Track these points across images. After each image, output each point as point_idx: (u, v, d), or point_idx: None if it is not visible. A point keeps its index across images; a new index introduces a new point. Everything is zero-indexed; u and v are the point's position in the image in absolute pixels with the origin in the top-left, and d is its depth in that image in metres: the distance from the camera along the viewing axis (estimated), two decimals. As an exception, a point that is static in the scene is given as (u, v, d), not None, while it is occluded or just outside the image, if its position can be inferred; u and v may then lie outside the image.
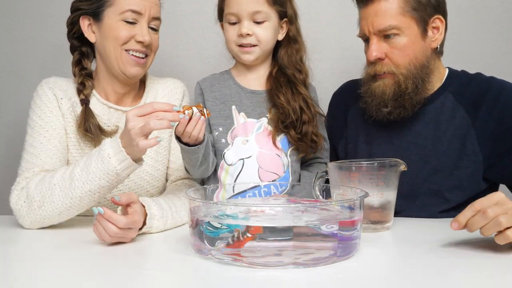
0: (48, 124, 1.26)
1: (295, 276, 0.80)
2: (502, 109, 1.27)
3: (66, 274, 0.84)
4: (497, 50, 1.78)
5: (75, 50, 1.35)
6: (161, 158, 1.38)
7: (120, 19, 1.27)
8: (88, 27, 1.31)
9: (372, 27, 1.26)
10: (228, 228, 0.84)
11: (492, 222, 0.89)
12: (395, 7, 1.24)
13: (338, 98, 1.52)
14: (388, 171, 1.12)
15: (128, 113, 1.06)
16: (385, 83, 1.28)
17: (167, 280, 0.80)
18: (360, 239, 0.93)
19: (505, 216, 0.89)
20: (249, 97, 1.39)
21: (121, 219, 0.99)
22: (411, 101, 1.28)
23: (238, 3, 1.31)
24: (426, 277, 0.81)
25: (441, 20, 1.28)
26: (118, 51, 1.28)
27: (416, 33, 1.25)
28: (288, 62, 1.38)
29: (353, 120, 1.44)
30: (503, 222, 0.88)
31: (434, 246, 0.98)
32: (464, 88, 1.32)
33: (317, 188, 1.14)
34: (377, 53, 1.26)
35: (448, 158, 1.29)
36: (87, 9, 1.29)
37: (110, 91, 1.35)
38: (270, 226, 0.84)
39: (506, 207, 0.90)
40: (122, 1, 1.27)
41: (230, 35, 1.35)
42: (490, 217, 0.89)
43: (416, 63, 1.26)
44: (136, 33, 1.27)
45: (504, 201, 0.91)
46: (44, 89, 1.29)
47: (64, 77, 1.36)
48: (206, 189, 1.07)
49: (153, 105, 1.06)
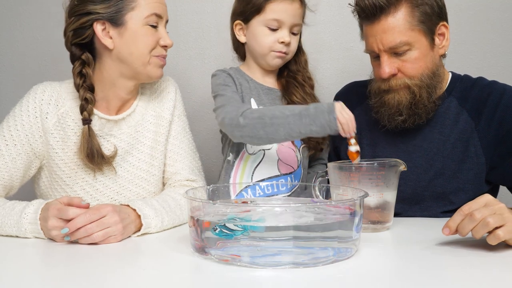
0: (12, 141, 1.21)
1: (295, 276, 0.80)
2: (503, 112, 1.27)
3: (66, 274, 0.84)
4: (497, 50, 1.78)
5: (77, 59, 1.25)
6: (157, 162, 1.34)
7: (145, 23, 1.23)
8: (103, 32, 1.22)
9: (382, 45, 1.24)
10: (243, 230, 0.83)
11: (480, 223, 0.90)
12: (402, 23, 1.22)
13: (341, 100, 1.52)
14: (388, 171, 1.12)
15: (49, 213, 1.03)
16: (400, 94, 1.27)
17: (167, 280, 0.80)
18: (360, 239, 0.93)
19: (492, 216, 0.90)
20: (267, 93, 1.42)
21: (65, 198, 1.06)
22: (425, 109, 1.28)
23: (286, 12, 1.33)
24: (426, 277, 0.80)
25: (446, 26, 1.28)
26: (147, 56, 1.24)
27: (425, 45, 1.25)
28: (297, 68, 1.44)
29: (356, 123, 1.44)
30: (491, 222, 0.89)
31: (434, 246, 0.98)
32: (467, 93, 1.32)
33: (317, 188, 1.14)
34: (390, 70, 1.26)
35: (452, 161, 1.30)
36: (102, 13, 1.21)
37: (113, 99, 1.29)
38: (270, 226, 0.84)
39: (494, 208, 0.91)
40: (145, 5, 1.22)
41: (268, 40, 1.35)
42: (477, 219, 0.90)
43: (428, 72, 1.27)
44: (159, 37, 1.26)
45: (491, 202, 0.93)
46: (29, 104, 1.23)
47: (62, 76, 1.34)
48: (207, 189, 1.07)
49: (68, 213, 1.02)
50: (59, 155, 1.25)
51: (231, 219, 0.87)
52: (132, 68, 1.25)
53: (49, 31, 1.89)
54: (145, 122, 1.34)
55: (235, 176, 1.38)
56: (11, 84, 1.94)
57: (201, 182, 1.37)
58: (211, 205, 0.97)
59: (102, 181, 1.28)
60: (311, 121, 1.16)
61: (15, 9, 1.92)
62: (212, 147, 1.85)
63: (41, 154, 1.25)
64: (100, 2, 1.21)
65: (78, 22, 1.23)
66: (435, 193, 1.31)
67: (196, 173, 1.38)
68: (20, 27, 1.92)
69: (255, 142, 1.26)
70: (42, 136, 1.24)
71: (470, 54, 1.78)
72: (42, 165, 1.27)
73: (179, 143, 1.38)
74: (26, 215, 1.06)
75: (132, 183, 1.31)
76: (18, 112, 1.24)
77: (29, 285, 0.79)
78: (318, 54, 1.81)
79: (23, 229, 1.06)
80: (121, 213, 1.06)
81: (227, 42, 1.49)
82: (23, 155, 1.23)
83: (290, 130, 1.18)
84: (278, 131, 1.19)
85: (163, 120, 1.36)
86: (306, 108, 1.18)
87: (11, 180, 1.23)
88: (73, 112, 1.25)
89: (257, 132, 1.21)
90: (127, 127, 1.31)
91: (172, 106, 1.38)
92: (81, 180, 1.27)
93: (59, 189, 1.27)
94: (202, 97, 1.86)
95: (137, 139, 1.32)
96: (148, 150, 1.33)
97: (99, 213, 1.02)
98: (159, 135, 1.35)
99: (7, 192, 1.25)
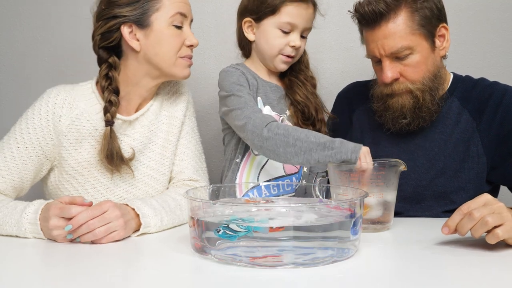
0: (24, 143, 1.22)
1: (295, 276, 0.80)
2: (504, 112, 1.28)
3: (66, 274, 0.84)
4: (497, 50, 1.78)
5: (104, 62, 1.27)
6: (167, 162, 1.36)
7: (170, 24, 1.24)
8: (130, 34, 1.24)
9: (384, 50, 1.25)
10: (246, 231, 0.83)
11: (479, 222, 0.90)
12: (403, 28, 1.23)
13: (343, 99, 1.52)
14: (388, 171, 1.12)
15: (50, 213, 1.03)
16: (403, 98, 1.28)
17: (167, 280, 0.80)
18: (360, 239, 0.93)
19: (491, 215, 0.90)
20: (274, 91, 1.42)
21: (66, 197, 1.07)
22: (429, 112, 1.29)
23: (301, 16, 1.34)
24: (426, 277, 0.80)
25: (446, 28, 1.28)
26: (174, 58, 1.26)
27: (426, 48, 1.26)
28: (299, 68, 1.45)
29: (358, 122, 1.44)
30: (490, 221, 0.89)
31: (434, 246, 0.98)
32: (469, 93, 1.33)
33: (317, 188, 1.14)
34: (393, 74, 1.26)
35: (454, 161, 1.30)
36: (129, 16, 1.22)
37: (134, 97, 1.30)
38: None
39: (493, 207, 0.91)
40: (169, 5, 1.24)
41: (279, 42, 1.35)
42: (476, 218, 0.90)
43: (429, 75, 1.27)
44: (184, 38, 1.27)
45: (490, 201, 0.93)
46: (42, 107, 1.24)
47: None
48: (212, 189, 1.08)
49: (71, 211, 1.02)
50: (72, 155, 1.26)
51: (233, 220, 0.86)
52: (158, 68, 1.27)
53: (49, 31, 1.89)
54: (158, 122, 1.35)
55: (241, 177, 1.39)
56: (11, 84, 1.94)
57: (204, 183, 1.38)
58: (211, 205, 0.97)
59: (114, 180, 1.30)
60: (332, 154, 1.15)
61: (15, 9, 1.92)
62: (212, 147, 1.85)
63: (52, 156, 1.26)
64: (126, 5, 1.23)
65: (106, 26, 1.24)
66: (436, 192, 1.31)
67: (200, 173, 1.39)
68: (20, 27, 1.92)
69: (272, 157, 1.25)
70: (54, 139, 1.24)
71: (470, 54, 1.78)
72: (53, 166, 1.28)
73: (187, 142, 1.39)
74: (27, 215, 1.07)
75: (142, 181, 1.33)
76: (31, 115, 1.24)
77: (29, 285, 0.79)
78: (319, 54, 1.81)
79: (23, 229, 1.06)
80: (122, 209, 1.06)
81: (227, 42, 1.50)
82: (34, 158, 1.24)
83: (309, 157, 1.17)
84: (297, 154, 1.18)
85: (175, 120, 1.38)
86: (332, 141, 1.17)
87: (21, 182, 1.24)
88: (88, 113, 1.26)
89: (277, 149, 1.21)
90: (140, 126, 1.32)
91: (185, 107, 1.40)
92: (93, 179, 1.28)
93: (69, 188, 1.28)
94: (202, 97, 1.86)
95: (149, 139, 1.33)
96: (160, 150, 1.34)
97: (100, 208, 1.03)
98: (171, 135, 1.36)
99: (17, 193, 1.26)
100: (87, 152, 1.27)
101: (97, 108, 1.27)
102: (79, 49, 1.85)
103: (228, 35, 1.47)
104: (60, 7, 1.88)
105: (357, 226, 0.90)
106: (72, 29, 1.88)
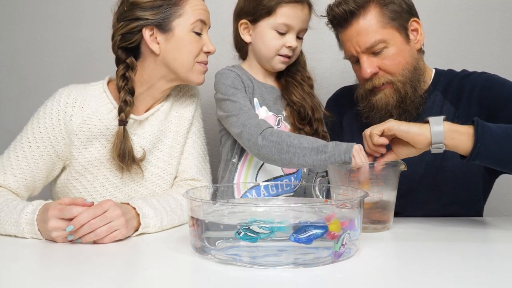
0: (35, 143, 1.23)
1: (295, 276, 0.80)
2: (480, 92, 1.29)
3: (66, 274, 0.84)
4: (497, 50, 1.78)
5: (122, 63, 1.29)
6: (174, 161, 1.37)
7: (191, 30, 1.27)
8: (151, 37, 1.26)
9: (359, 47, 1.28)
10: (269, 232, 0.83)
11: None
12: (374, 22, 1.27)
13: (333, 104, 1.54)
14: (388, 171, 1.12)
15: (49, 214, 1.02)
16: (386, 94, 1.31)
17: (167, 280, 0.80)
18: (360, 239, 0.93)
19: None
20: (270, 92, 1.43)
21: (66, 198, 1.06)
22: (412, 104, 1.31)
23: (297, 17, 1.35)
24: (426, 277, 0.80)
25: (417, 22, 1.32)
26: (191, 63, 1.29)
27: (400, 40, 1.29)
28: (296, 68, 1.45)
29: (348, 125, 1.46)
30: None
31: (434, 246, 0.98)
32: (449, 84, 1.35)
33: (317, 188, 1.14)
34: (371, 69, 1.29)
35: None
36: (151, 20, 1.25)
37: (147, 98, 1.32)
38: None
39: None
40: (191, 12, 1.26)
41: (275, 43, 1.36)
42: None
43: (408, 67, 1.30)
44: (203, 44, 1.29)
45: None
46: (53, 107, 1.25)
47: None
48: (213, 189, 1.08)
49: (72, 211, 1.02)
50: (83, 153, 1.27)
51: (253, 221, 0.85)
52: (175, 73, 1.29)
53: (49, 31, 1.89)
54: (168, 122, 1.37)
55: (239, 177, 1.39)
56: (11, 84, 1.94)
57: (206, 184, 1.39)
58: (211, 205, 0.97)
59: (123, 178, 1.31)
60: (326, 158, 1.17)
61: (15, 9, 1.92)
62: (211, 147, 1.85)
63: (64, 156, 1.27)
64: (150, 8, 1.25)
65: (128, 27, 1.26)
66: (428, 185, 1.32)
67: (203, 173, 1.40)
68: (20, 27, 1.93)
69: (269, 163, 1.29)
70: (65, 138, 1.25)
71: (470, 54, 1.78)
72: (65, 165, 1.29)
73: (193, 142, 1.41)
74: (25, 215, 1.07)
75: (150, 181, 1.34)
76: (42, 115, 1.25)
77: (29, 285, 0.79)
78: (318, 54, 1.81)
79: (21, 228, 1.06)
80: (122, 208, 1.06)
81: (226, 41, 1.50)
82: (46, 157, 1.24)
83: (304, 162, 1.20)
84: (292, 160, 1.21)
85: (184, 120, 1.39)
86: (325, 145, 1.18)
87: (34, 181, 1.25)
88: (99, 113, 1.27)
89: (272, 156, 1.23)
90: (149, 126, 1.34)
91: (194, 108, 1.42)
92: (102, 177, 1.29)
93: (78, 186, 1.29)
94: (201, 97, 1.85)
95: (159, 138, 1.35)
96: (168, 149, 1.36)
97: (101, 208, 1.03)
98: (179, 135, 1.38)
99: (30, 193, 1.27)
100: (97, 151, 1.28)
101: (108, 107, 1.28)
102: (79, 49, 1.86)
103: (228, 35, 1.47)
104: (60, 7, 1.88)
105: (357, 225, 0.90)
106: (73, 29, 1.88)
